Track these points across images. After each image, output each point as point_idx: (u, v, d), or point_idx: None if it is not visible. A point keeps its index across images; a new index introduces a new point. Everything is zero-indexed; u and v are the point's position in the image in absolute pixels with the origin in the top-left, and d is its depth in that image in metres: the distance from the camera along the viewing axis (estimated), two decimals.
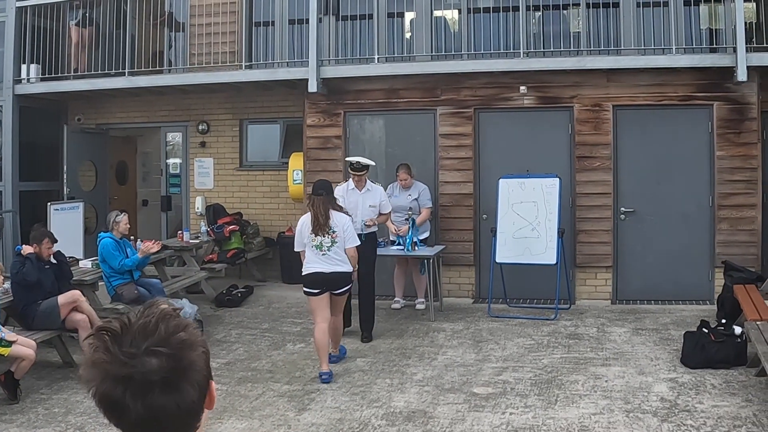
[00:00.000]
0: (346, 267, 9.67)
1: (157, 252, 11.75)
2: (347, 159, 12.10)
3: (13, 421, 8.10)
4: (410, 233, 12.33)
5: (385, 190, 12.80)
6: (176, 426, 1.90)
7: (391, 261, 13.24)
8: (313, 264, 9.61)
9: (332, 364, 9.86)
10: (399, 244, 12.53)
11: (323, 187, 9.84)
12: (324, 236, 9.54)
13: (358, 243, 9.88)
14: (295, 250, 9.93)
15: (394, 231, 12.57)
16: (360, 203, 11.40)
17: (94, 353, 1.88)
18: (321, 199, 9.61)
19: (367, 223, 11.38)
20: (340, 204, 10.10)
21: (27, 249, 9.89)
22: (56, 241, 10.24)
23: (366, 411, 8.18)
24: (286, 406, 8.38)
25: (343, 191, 11.19)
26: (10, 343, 8.50)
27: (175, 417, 1.88)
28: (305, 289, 9.68)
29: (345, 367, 9.83)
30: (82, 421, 8.07)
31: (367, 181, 11.70)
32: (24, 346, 8.69)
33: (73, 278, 10.73)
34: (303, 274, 9.72)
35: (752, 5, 13.29)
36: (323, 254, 9.56)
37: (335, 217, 9.61)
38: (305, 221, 9.73)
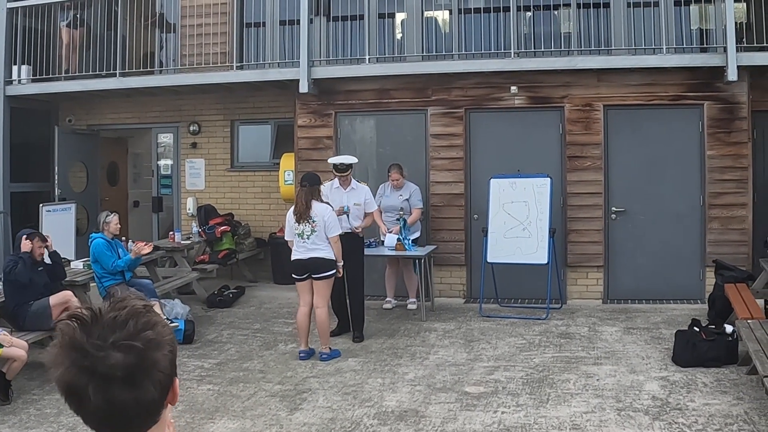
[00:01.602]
0: (324, 253, 10.33)
1: (149, 253, 11.74)
2: (330, 161, 12.09)
3: (5, 422, 8.08)
4: (401, 233, 12.35)
5: (377, 190, 12.88)
6: (134, 420, 1.91)
7: (382, 261, 13.26)
8: (295, 251, 10.45)
9: (323, 362, 10.07)
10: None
11: (308, 178, 10.59)
12: (305, 225, 10.29)
13: (339, 232, 10.51)
14: (285, 238, 10.79)
15: (384, 231, 12.58)
16: (345, 202, 11.47)
17: (62, 338, 1.89)
18: (304, 190, 10.42)
19: (356, 230, 11.44)
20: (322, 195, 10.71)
21: (26, 245, 9.86)
22: (46, 240, 10.22)
23: (358, 410, 8.19)
24: (278, 406, 8.37)
25: (327, 190, 11.24)
26: (1, 345, 8.49)
27: (134, 412, 1.89)
28: (291, 274, 10.58)
29: (337, 367, 9.84)
30: (74, 421, 8.03)
31: (352, 180, 11.80)
32: (15, 346, 8.67)
33: (66, 279, 10.73)
34: (290, 260, 10.53)
35: (742, 5, 13.33)
36: (303, 242, 10.33)
37: (315, 207, 10.31)
38: (291, 211, 10.51)
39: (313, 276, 10.34)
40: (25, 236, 10.01)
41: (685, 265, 13.19)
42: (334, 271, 10.44)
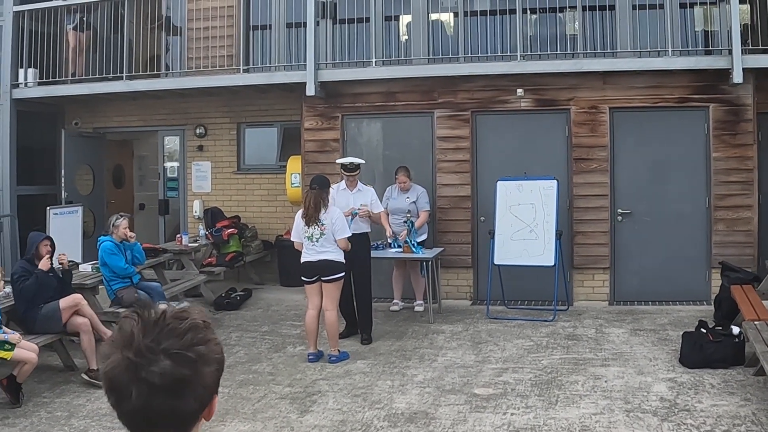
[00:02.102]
0: (334, 255, 10.38)
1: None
2: (338, 161, 12.16)
3: (16, 425, 8.12)
4: (409, 236, 12.39)
5: (384, 193, 12.92)
6: (167, 428, 1.95)
7: (389, 263, 13.29)
8: (305, 254, 10.46)
9: (332, 364, 10.10)
10: (398, 246, 12.57)
11: (317, 181, 10.63)
12: (314, 228, 10.32)
13: (348, 234, 10.54)
14: (292, 239, 10.85)
15: (390, 234, 12.61)
16: (351, 203, 11.52)
17: (119, 332, 1.95)
18: (313, 193, 10.42)
19: (360, 212, 11.49)
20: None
21: (45, 264, 9.89)
22: (54, 248, 10.25)
23: (368, 412, 8.22)
24: (288, 408, 8.41)
25: (334, 192, 11.26)
26: (12, 347, 8.52)
27: (169, 420, 1.94)
28: (301, 277, 10.64)
29: (346, 369, 9.88)
30: (85, 424, 8.09)
31: (359, 182, 11.85)
32: (26, 349, 8.71)
33: (73, 282, 10.76)
34: (300, 263, 10.57)
35: (746, 7, 13.35)
36: (313, 245, 10.37)
37: (325, 210, 10.31)
38: (300, 214, 10.53)
39: (323, 278, 10.38)
40: (47, 256, 10.01)
41: (691, 266, 13.22)
42: (344, 273, 10.49)
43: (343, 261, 10.44)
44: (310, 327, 10.45)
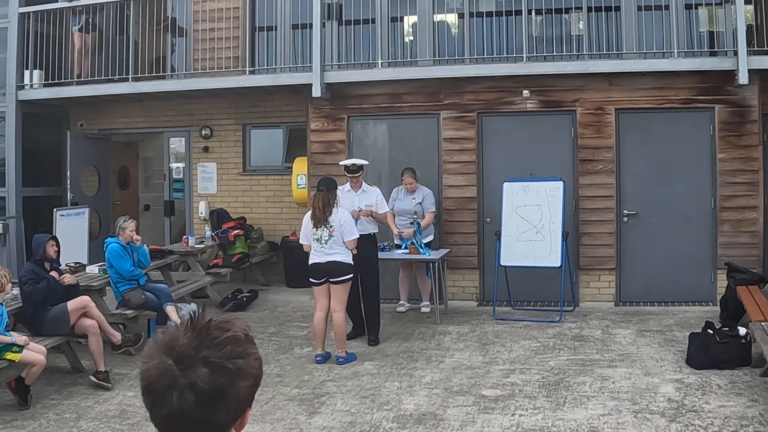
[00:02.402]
0: (342, 257, 10.41)
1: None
2: (341, 162, 12.17)
3: (24, 427, 8.13)
4: (415, 237, 12.41)
5: (390, 194, 12.93)
6: None
7: (395, 264, 13.31)
8: (313, 255, 10.50)
9: (340, 366, 10.13)
10: (405, 247, 12.59)
11: (325, 183, 10.63)
12: (322, 229, 10.35)
13: (356, 236, 10.56)
14: (300, 242, 10.84)
15: (396, 233, 12.63)
16: (356, 204, 11.52)
17: (164, 337, 1.99)
18: (321, 195, 10.45)
19: (363, 211, 11.50)
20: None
21: (68, 279, 9.96)
22: (59, 247, 10.29)
23: (377, 414, 8.24)
24: (297, 410, 8.43)
25: (339, 193, 11.23)
26: (21, 349, 8.54)
27: (201, 428, 1.95)
28: (309, 278, 10.65)
29: (354, 371, 9.90)
30: (94, 426, 8.11)
31: (363, 183, 11.87)
32: (34, 351, 8.72)
33: (81, 284, 10.78)
34: (309, 264, 10.60)
35: (751, 8, 13.35)
36: (321, 247, 10.39)
37: (334, 212, 10.28)
38: (308, 216, 10.58)
39: (331, 280, 10.40)
40: (68, 276, 10.05)
41: (697, 267, 13.23)
42: (352, 274, 10.51)
43: (352, 263, 10.46)
44: (318, 328, 10.48)
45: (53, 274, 9.88)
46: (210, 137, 16.71)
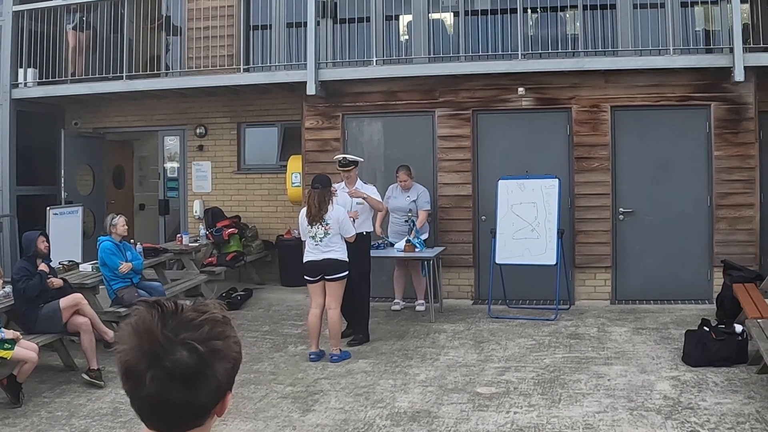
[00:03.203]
0: (338, 254, 10.40)
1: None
2: (335, 157, 12.10)
3: (16, 425, 8.09)
4: (411, 235, 12.38)
5: (385, 192, 12.90)
6: (179, 418, 1.96)
7: (390, 263, 13.26)
8: (308, 253, 10.48)
9: (334, 363, 10.08)
10: (392, 245, 12.62)
11: (319, 180, 10.59)
12: (318, 227, 10.33)
13: (354, 232, 10.59)
14: (302, 239, 10.79)
15: (379, 233, 12.67)
16: (349, 201, 11.47)
17: (137, 320, 1.95)
18: (315, 192, 10.40)
19: (350, 192, 11.44)
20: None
21: (56, 282, 9.93)
22: (49, 242, 10.25)
23: (370, 411, 8.19)
24: (290, 408, 8.38)
25: (335, 190, 11.17)
26: (12, 346, 8.50)
27: (182, 411, 1.94)
28: (304, 276, 10.61)
29: (348, 369, 9.85)
30: (86, 424, 8.06)
31: (358, 180, 11.81)
32: (26, 349, 8.68)
33: (74, 282, 10.75)
34: (303, 262, 10.60)
35: (747, 6, 13.32)
36: (317, 244, 10.37)
37: (330, 209, 10.30)
38: (304, 213, 10.56)
39: (327, 277, 10.38)
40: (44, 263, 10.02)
41: (693, 265, 13.20)
42: (348, 272, 10.46)
43: (347, 260, 10.42)
44: (312, 326, 10.44)
45: (43, 266, 9.82)
46: (205, 136, 16.67)
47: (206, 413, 1.99)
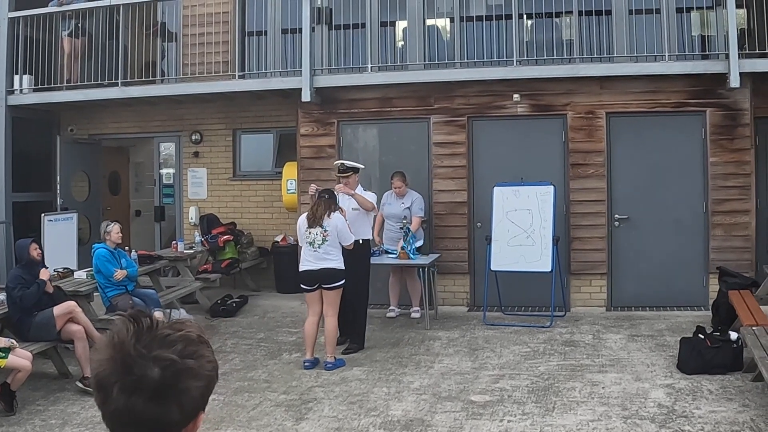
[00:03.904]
0: (335, 263, 10.37)
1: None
2: (335, 163, 12.07)
3: None
4: (406, 242, 12.36)
5: (380, 198, 12.87)
6: None
7: (385, 270, 13.25)
8: (305, 262, 10.49)
9: (328, 371, 10.06)
10: (388, 253, 12.59)
11: (328, 192, 10.68)
12: (317, 231, 10.34)
13: (353, 239, 10.55)
14: (300, 245, 10.88)
15: (377, 242, 12.67)
16: (345, 206, 11.41)
17: (112, 333, 1.96)
18: (322, 200, 10.50)
19: (337, 189, 11.31)
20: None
21: (45, 274, 9.88)
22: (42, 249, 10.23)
23: (364, 420, 8.17)
24: (284, 416, 8.36)
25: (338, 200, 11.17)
26: (6, 354, 8.47)
27: (150, 426, 1.93)
28: (300, 285, 10.61)
29: (342, 376, 9.82)
30: None
31: (360, 187, 11.76)
32: (20, 357, 8.66)
33: (68, 289, 10.73)
34: (299, 271, 10.63)
35: (743, 11, 13.32)
36: (314, 251, 10.35)
37: (331, 217, 10.30)
38: (303, 218, 10.62)
39: (324, 286, 10.35)
40: (44, 268, 9.99)
41: (689, 272, 13.18)
42: (344, 280, 10.43)
43: (344, 268, 10.40)
44: (308, 334, 10.42)
45: (44, 273, 9.80)
46: (200, 142, 16.66)
47: (176, 430, 1.97)
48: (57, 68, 15.78)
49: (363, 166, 12.16)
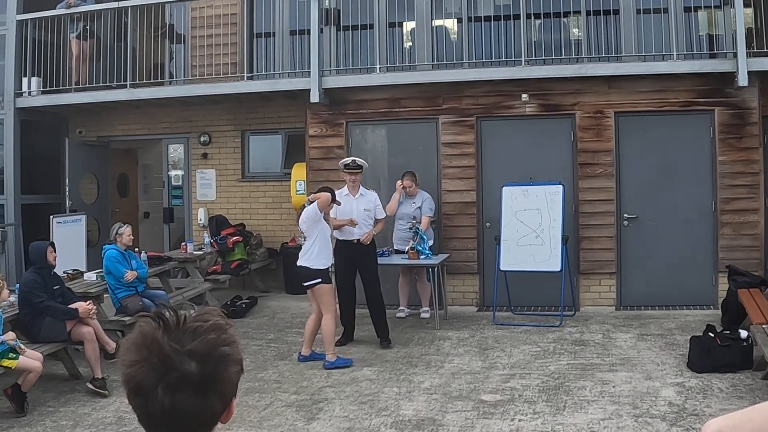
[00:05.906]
0: (308, 262, 10.45)
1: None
2: (341, 161, 12.07)
3: None
4: (418, 242, 12.37)
5: (387, 199, 12.88)
6: (189, 428, 1.96)
7: (395, 270, 13.26)
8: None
9: (338, 372, 10.08)
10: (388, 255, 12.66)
11: (325, 188, 10.74)
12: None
13: (304, 226, 10.63)
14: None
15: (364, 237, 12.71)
16: (354, 208, 11.44)
17: (140, 336, 1.95)
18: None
19: (363, 241, 11.39)
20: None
21: (82, 308, 9.87)
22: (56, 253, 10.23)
23: (375, 419, 8.18)
24: (295, 416, 8.37)
25: (338, 197, 11.14)
26: (17, 356, 8.49)
27: (193, 421, 1.94)
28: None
29: (352, 377, 9.83)
30: None
31: (361, 186, 11.79)
32: (30, 358, 8.68)
33: (78, 291, 10.75)
34: None
35: (751, 11, 13.31)
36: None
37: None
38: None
39: (302, 284, 10.62)
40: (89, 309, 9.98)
41: (698, 270, 13.17)
42: (319, 280, 10.42)
43: (320, 268, 10.41)
44: (306, 329, 10.74)
45: (83, 309, 9.77)
46: (209, 144, 16.69)
47: (215, 421, 1.99)
48: (65, 70, 15.81)
49: (367, 165, 12.21)
